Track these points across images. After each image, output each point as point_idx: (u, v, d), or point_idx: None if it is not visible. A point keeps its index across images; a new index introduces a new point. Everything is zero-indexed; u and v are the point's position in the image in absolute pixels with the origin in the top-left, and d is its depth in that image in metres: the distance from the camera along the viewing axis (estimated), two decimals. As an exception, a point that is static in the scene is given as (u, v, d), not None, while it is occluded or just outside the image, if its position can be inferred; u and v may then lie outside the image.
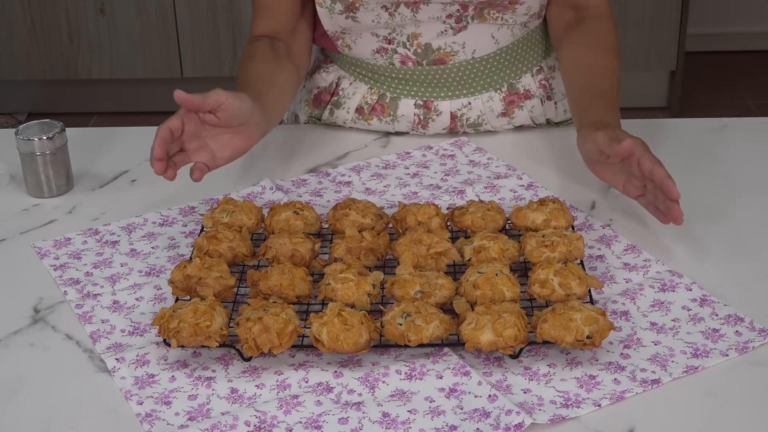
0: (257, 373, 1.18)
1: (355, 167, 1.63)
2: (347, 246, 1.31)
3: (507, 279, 1.23)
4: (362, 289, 1.23)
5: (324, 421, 1.11)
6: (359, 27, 1.62)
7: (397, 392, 1.15)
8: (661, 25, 3.69)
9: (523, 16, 1.63)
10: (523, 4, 1.60)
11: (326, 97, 1.74)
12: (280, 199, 1.53)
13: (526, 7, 1.61)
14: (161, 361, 1.20)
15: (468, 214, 1.38)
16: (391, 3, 1.57)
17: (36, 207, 1.55)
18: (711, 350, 1.20)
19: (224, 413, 1.12)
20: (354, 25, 1.61)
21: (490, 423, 1.10)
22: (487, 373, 1.17)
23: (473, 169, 1.62)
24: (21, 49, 3.80)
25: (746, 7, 4.29)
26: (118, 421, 1.12)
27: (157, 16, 3.71)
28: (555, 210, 1.37)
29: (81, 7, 3.71)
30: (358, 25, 1.61)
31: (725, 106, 3.96)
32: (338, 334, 1.15)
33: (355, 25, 1.61)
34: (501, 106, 1.70)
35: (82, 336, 1.26)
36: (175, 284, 1.26)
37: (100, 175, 1.63)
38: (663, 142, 1.67)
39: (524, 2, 1.60)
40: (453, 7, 1.59)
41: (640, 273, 1.34)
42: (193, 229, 1.47)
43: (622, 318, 1.26)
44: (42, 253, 1.42)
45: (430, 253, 1.30)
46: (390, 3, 1.57)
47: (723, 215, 1.47)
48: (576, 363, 1.19)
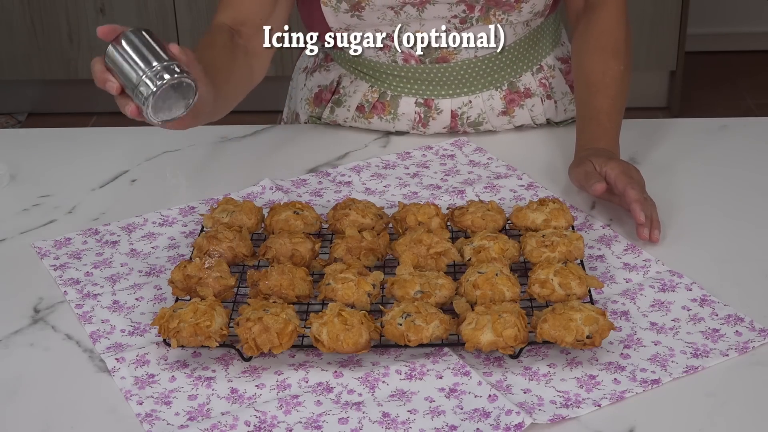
0: (257, 373, 1.18)
1: (355, 167, 1.63)
2: (347, 246, 1.31)
3: (507, 279, 1.23)
4: (362, 289, 1.23)
5: (324, 421, 1.11)
6: (363, 24, 1.62)
7: (397, 392, 1.15)
8: (661, 25, 3.69)
9: (527, 14, 1.63)
10: (528, 3, 1.60)
11: (327, 96, 1.74)
12: (280, 199, 1.53)
13: (530, 6, 1.61)
14: (161, 361, 1.20)
15: (468, 214, 1.38)
16: (398, 3, 1.57)
17: (36, 207, 1.54)
18: (711, 350, 1.20)
19: (224, 413, 1.12)
20: (359, 22, 1.61)
21: (490, 423, 1.10)
22: (487, 373, 1.17)
23: (473, 169, 1.62)
24: (21, 49, 3.79)
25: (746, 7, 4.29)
26: (118, 421, 1.12)
27: (157, 16, 3.71)
28: (555, 210, 1.37)
29: (81, 7, 3.71)
30: (363, 23, 1.61)
31: (725, 106, 3.96)
32: (338, 334, 1.15)
33: (359, 22, 1.61)
34: (501, 105, 1.70)
35: (82, 336, 1.26)
36: (175, 284, 1.26)
37: (100, 175, 1.63)
38: (663, 142, 1.67)
39: (529, 0, 1.60)
40: (459, 7, 1.59)
41: (640, 273, 1.34)
42: (193, 229, 1.47)
43: (622, 318, 1.26)
44: (42, 253, 1.42)
45: (430, 253, 1.30)
46: (396, 3, 1.57)
47: (723, 215, 1.47)
48: (576, 363, 1.19)
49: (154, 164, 1.66)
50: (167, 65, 1.25)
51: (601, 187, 1.43)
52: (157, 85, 1.24)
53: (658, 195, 1.46)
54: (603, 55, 1.61)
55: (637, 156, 1.62)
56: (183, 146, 1.70)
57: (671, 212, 1.46)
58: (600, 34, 1.63)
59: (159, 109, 1.26)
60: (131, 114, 1.27)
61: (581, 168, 1.49)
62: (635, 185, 1.42)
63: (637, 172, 1.46)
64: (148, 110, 1.25)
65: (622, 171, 1.44)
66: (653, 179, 1.50)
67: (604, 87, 1.58)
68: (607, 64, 1.60)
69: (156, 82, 1.24)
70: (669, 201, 1.49)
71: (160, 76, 1.24)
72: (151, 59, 1.25)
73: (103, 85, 1.27)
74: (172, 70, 1.25)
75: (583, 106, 1.59)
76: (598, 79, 1.59)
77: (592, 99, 1.58)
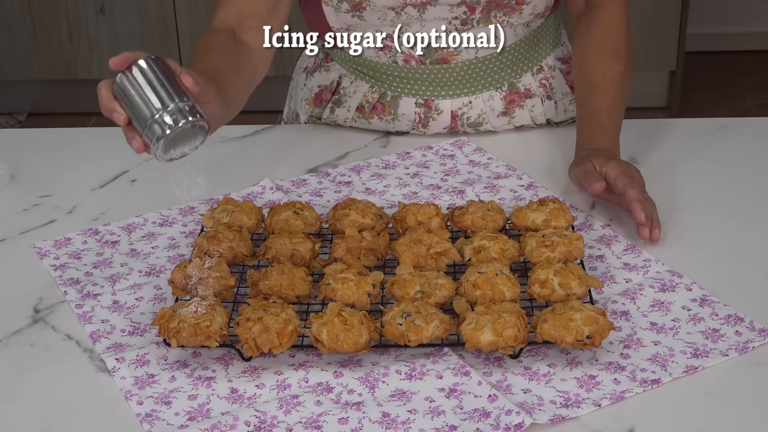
0: (257, 373, 1.18)
1: (355, 167, 1.63)
2: (347, 246, 1.31)
3: (507, 279, 1.23)
4: (362, 289, 1.23)
5: (324, 421, 1.11)
6: (364, 24, 1.62)
7: (397, 392, 1.15)
8: (661, 25, 3.69)
9: (528, 16, 1.63)
10: (529, 4, 1.60)
11: (327, 96, 1.74)
12: (280, 199, 1.53)
13: (531, 7, 1.61)
14: (161, 361, 1.20)
15: (468, 214, 1.38)
16: (399, 4, 1.57)
17: (36, 207, 1.55)
18: (711, 350, 1.20)
19: (224, 413, 1.12)
20: (359, 23, 1.61)
21: (490, 423, 1.10)
22: (487, 373, 1.17)
23: (473, 169, 1.62)
24: (21, 49, 3.79)
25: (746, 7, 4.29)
26: (118, 421, 1.12)
27: (157, 16, 3.71)
28: (555, 210, 1.37)
29: (81, 7, 3.71)
30: (363, 23, 1.61)
31: (725, 106, 3.96)
32: (338, 334, 1.15)
33: (360, 23, 1.61)
34: (501, 105, 1.70)
35: (82, 336, 1.26)
36: (175, 284, 1.26)
37: (100, 175, 1.63)
38: (663, 142, 1.67)
39: (530, 2, 1.60)
40: (460, 9, 1.59)
41: (640, 273, 1.34)
42: (193, 229, 1.47)
43: (622, 318, 1.26)
44: (42, 253, 1.42)
45: (430, 253, 1.30)
46: (397, 4, 1.57)
47: (723, 215, 1.48)
48: (576, 363, 1.19)
49: (154, 164, 1.64)
50: (181, 107, 1.20)
51: (601, 186, 1.43)
52: (171, 128, 1.20)
53: (658, 195, 1.46)
54: (603, 56, 1.61)
55: (637, 156, 1.62)
56: (183, 146, 1.70)
57: (671, 212, 1.46)
58: (601, 35, 1.63)
59: (168, 147, 1.23)
60: (138, 150, 1.23)
61: (581, 167, 1.49)
62: (635, 185, 1.42)
63: (637, 172, 1.46)
64: (158, 150, 1.22)
65: (622, 171, 1.44)
66: (653, 179, 1.50)
67: (605, 87, 1.58)
68: (607, 64, 1.60)
69: (170, 124, 1.20)
70: (669, 201, 1.49)
71: (174, 119, 1.20)
72: (165, 98, 1.20)
73: (110, 114, 1.23)
74: (186, 113, 1.21)
75: (583, 106, 1.59)
76: (598, 79, 1.59)
77: (592, 99, 1.58)
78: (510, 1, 1.59)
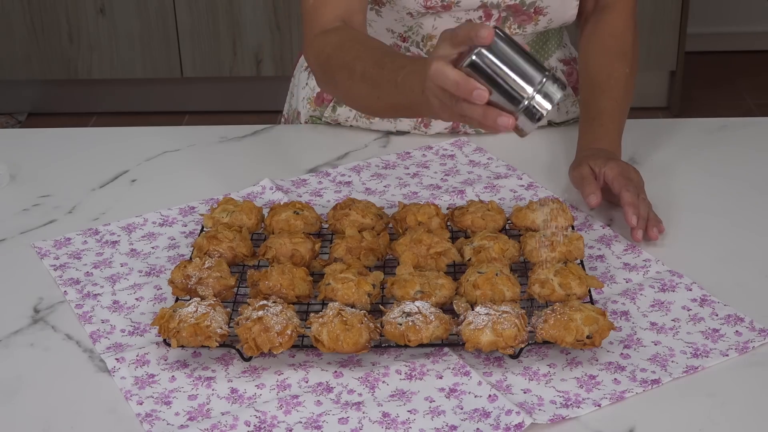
0: (257, 373, 1.18)
1: (355, 167, 1.63)
2: (347, 246, 1.31)
3: (507, 279, 1.23)
4: (362, 289, 1.23)
5: (324, 421, 1.11)
6: (379, 22, 1.61)
7: (397, 392, 1.15)
8: (661, 25, 3.69)
9: (541, 27, 1.63)
10: (546, 16, 1.60)
11: (328, 95, 1.74)
12: (280, 199, 1.53)
13: (547, 20, 1.61)
14: (161, 361, 1.20)
15: (468, 214, 1.38)
16: (417, 12, 1.57)
17: (36, 207, 1.54)
18: (711, 350, 1.20)
19: (224, 413, 1.12)
20: (375, 18, 1.61)
21: (490, 423, 1.10)
22: (487, 373, 1.17)
23: (473, 169, 1.62)
24: (21, 49, 3.79)
25: (746, 7, 4.29)
26: (118, 421, 1.12)
27: (157, 16, 3.71)
28: (555, 210, 1.37)
29: (81, 7, 3.71)
30: (379, 20, 1.61)
31: (725, 106, 3.96)
32: (338, 334, 1.15)
33: (375, 19, 1.61)
34: (503, 106, 1.70)
35: (82, 336, 1.26)
36: (175, 284, 1.26)
37: (100, 175, 1.63)
38: (663, 142, 1.67)
39: (547, 14, 1.60)
40: (476, 13, 1.58)
41: (640, 273, 1.34)
42: (193, 229, 1.47)
43: (622, 318, 1.26)
44: (42, 253, 1.42)
45: (430, 253, 1.30)
46: (416, 11, 1.57)
47: (723, 215, 1.47)
48: (576, 363, 1.19)
49: (154, 164, 1.66)
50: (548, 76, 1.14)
51: (596, 202, 1.43)
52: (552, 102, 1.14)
53: (658, 195, 1.46)
54: (609, 57, 1.61)
55: (637, 156, 1.62)
56: (183, 146, 1.70)
57: (671, 212, 1.46)
58: (608, 37, 1.63)
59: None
60: (508, 127, 1.14)
61: (578, 171, 1.49)
62: (631, 187, 1.42)
63: (636, 172, 1.46)
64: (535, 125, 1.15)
65: (620, 172, 1.44)
66: (653, 179, 1.50)
67: (609, 89, 1.58)
68: (612, 66, 1.60)
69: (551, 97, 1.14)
70: (669, 201, 1.49)
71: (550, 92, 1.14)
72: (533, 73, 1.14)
73: (469, 93, 1.12)
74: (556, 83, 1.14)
75: (586, 107, 1.59)
76: (602, 80, 1.59)
77: (596, 100, 1.58)
78: (528, 9, 1.58)
